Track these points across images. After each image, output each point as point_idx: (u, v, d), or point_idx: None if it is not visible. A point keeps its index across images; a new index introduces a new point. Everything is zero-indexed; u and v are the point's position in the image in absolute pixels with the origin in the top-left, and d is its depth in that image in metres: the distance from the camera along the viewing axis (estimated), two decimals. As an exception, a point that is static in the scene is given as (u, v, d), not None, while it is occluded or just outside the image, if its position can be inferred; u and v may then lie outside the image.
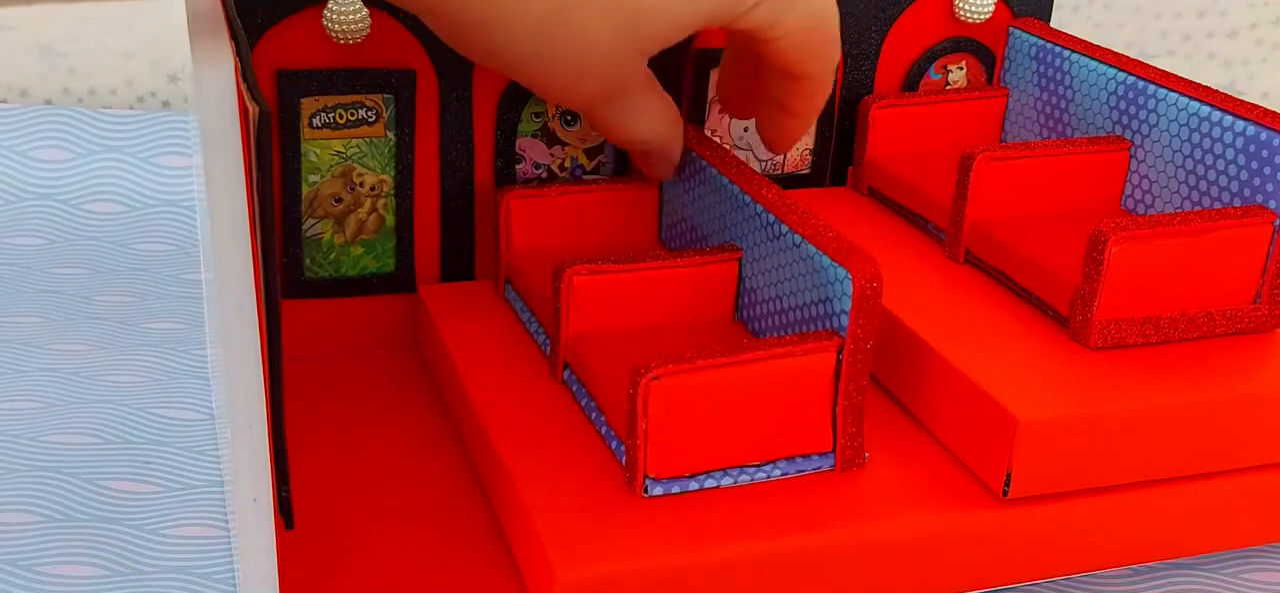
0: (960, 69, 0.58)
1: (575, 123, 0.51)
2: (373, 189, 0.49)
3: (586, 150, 0.52)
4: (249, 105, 0.32)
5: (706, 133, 0.54)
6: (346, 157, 0.48)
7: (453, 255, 0.51)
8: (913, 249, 0.50)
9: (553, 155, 0.51)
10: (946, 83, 0.58)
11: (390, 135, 0.48)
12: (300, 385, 0.47)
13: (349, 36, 0.46)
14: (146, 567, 0.42)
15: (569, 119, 0.51)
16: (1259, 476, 0.42)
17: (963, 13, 0.56)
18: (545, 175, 0.51)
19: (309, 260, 0.49)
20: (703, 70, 0.53)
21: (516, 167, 0.51)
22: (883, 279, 0.38)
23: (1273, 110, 0.45)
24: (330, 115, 0.47)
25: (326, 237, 0.49)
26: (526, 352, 0.46)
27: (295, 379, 0.47)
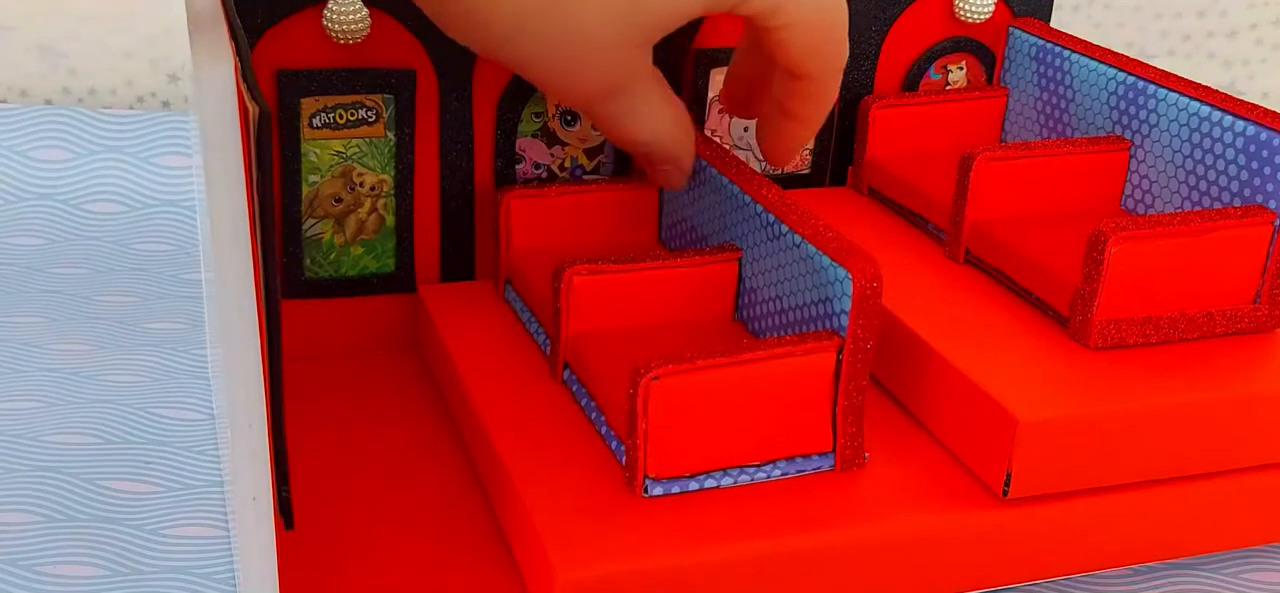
0: (960, 69, 0.58)
1: (575, 123, 0.51)
2: (373, 189, 0.49)
3: (586, 150, 0.52)
4: (249, 105, 0.32)
5: (706, 133, 0.54)
6: (346, 156, 0.48)
7: (453, 255, 0.51)
8: (913, 249, 0.50)
9: (553, 155, 0.51)
10: (946, 83, 0.58)
11: (390, 135, 0.48)
12: (300, 385, 0.47)
13: (349, 36, 0.46)
14: (146, 567, 0.42)
15: (569, 119, 0.51)
16: (1259, 476, 0.42)
17: (963, 13, 0.56)
18: (545, 175, 0.51)
19: (309, 260, 0.49)
20: (703, 70, 0.53)
21: (516, 167, 0.51)
22: (883, 279, 0.38)
23: (1273, 110, 0.45)
24: (330, 115, 0.47)
25: (326, 237, 0.49)
26: (526, 352, 0.46)
27: (295, 379, 0.47)
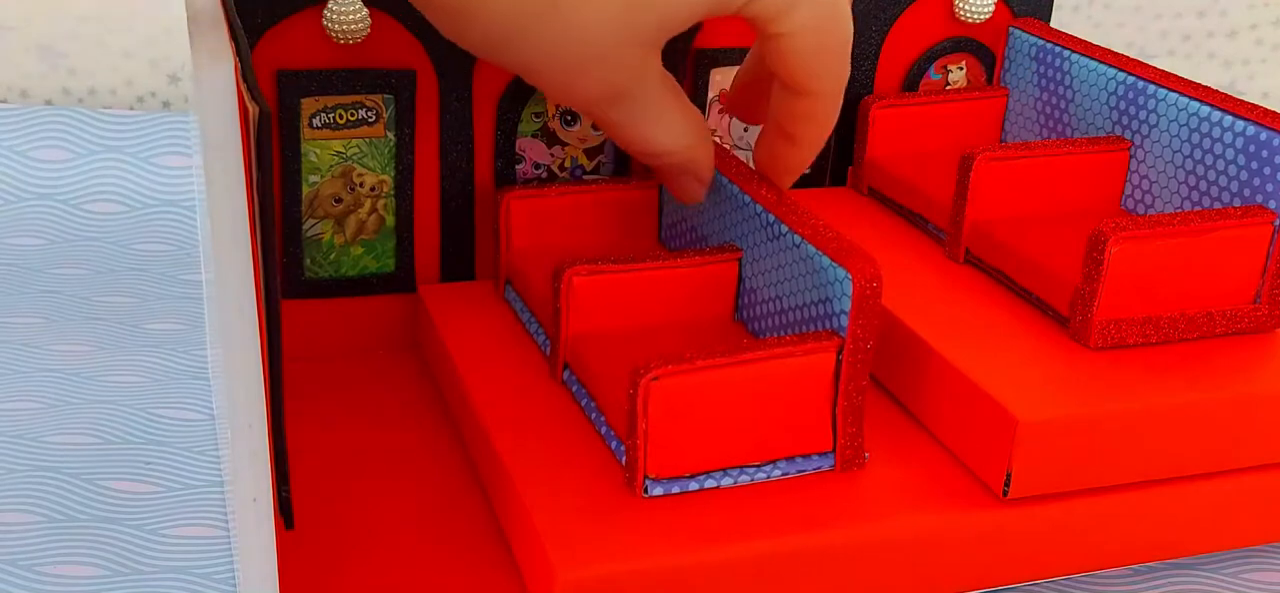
0: (960, 69, 0.58)
1: (575, 123, 0.51)
2: (373, 189, 0.49)
3: (586, 150, 0.52)
4: (249, 105, 0.32)
5: (706, 133, 0.54)
6: (346, 157, 0.48)
7: (453, 255, 0.51)
8: (913, 249, 0.50)
9: (553, 155, 0.51)
10: (946, 83, 0.58)
11: (390, 135, 0.48)
12: (300, 385, 0.47)
13: (349, 36, 0.46)
14: (146, 567, 0.42)
15: (569, 119, 0.51)
16: (1259, 476, 0.42)
17: (963, 13, 0.56)
18: (545, 175, 0.51)
19: (309, 260, 0.49)
20: (703, 70, 0.53)
21: (516, 167, 0.51)
22: (882, 279, 0.38)
23: (1273, 110, 0.45)
24: (330, 115, 0.47)
25: (326, 237, 0.49)
26: (526, 352, 0.46)
27: (295, 379, 0.47)
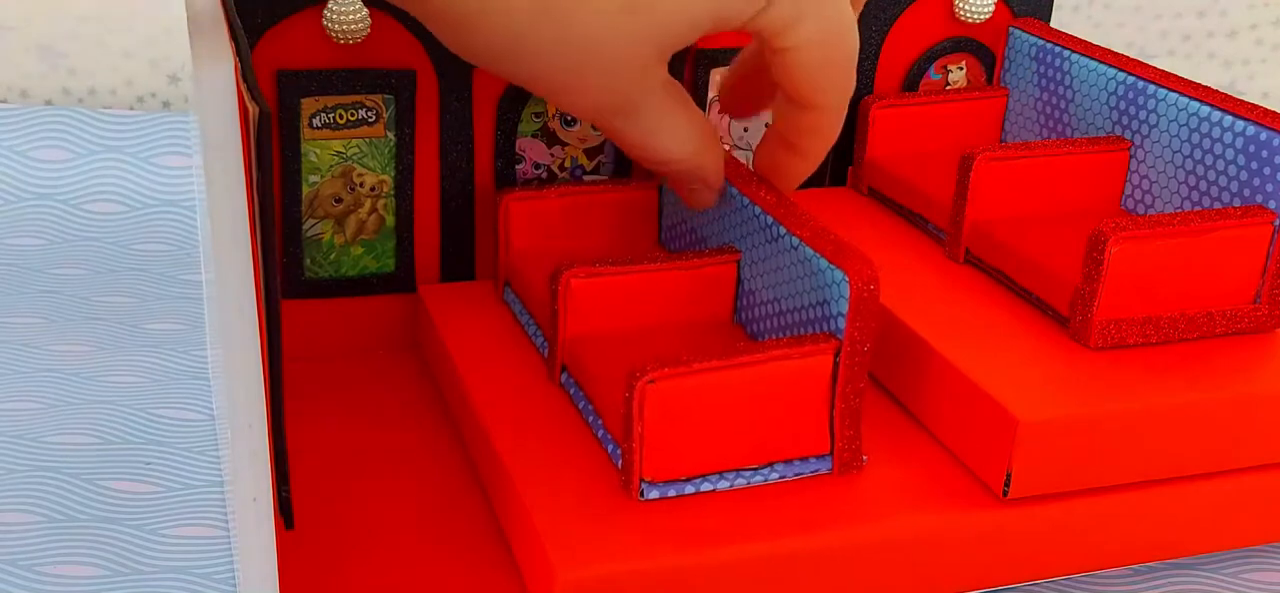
0: (960, 69, 0.58)
1: (575, 123, 0.51)
2: (373, 189, 0.49)
3: (586, 150, 0.52)
4: (249, 105, 0.32)
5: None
6: (346, 157, 0.48)
7: (453, 256, 0.51)
8: (913, 249, 0.50)
9: (553, 155, 0.51)
10: (946, 83, 0.58)
11: (390, 135, 0.48)
12: (300, 385, 0.47)
13: (349, 36, 0.46)
14: (146, 567, 0.42)
15: (569, 119, 0.51)
16: (1259, 476, 0.42)
17: (963, 13, 0.56)
18: (545, 176, 0.51)
19: (309, 260, 0.49)
20: (703, 70, 0.53)
21: (516, 167, 0.51)
22: (880, 281, 0.38)
23: (1273, 110, 0.45)
24: (330, 115, 0.47)
25: (326, 237, 0.49)
26: (526, 353, 0.46)
27: (295, 379, 0.47)
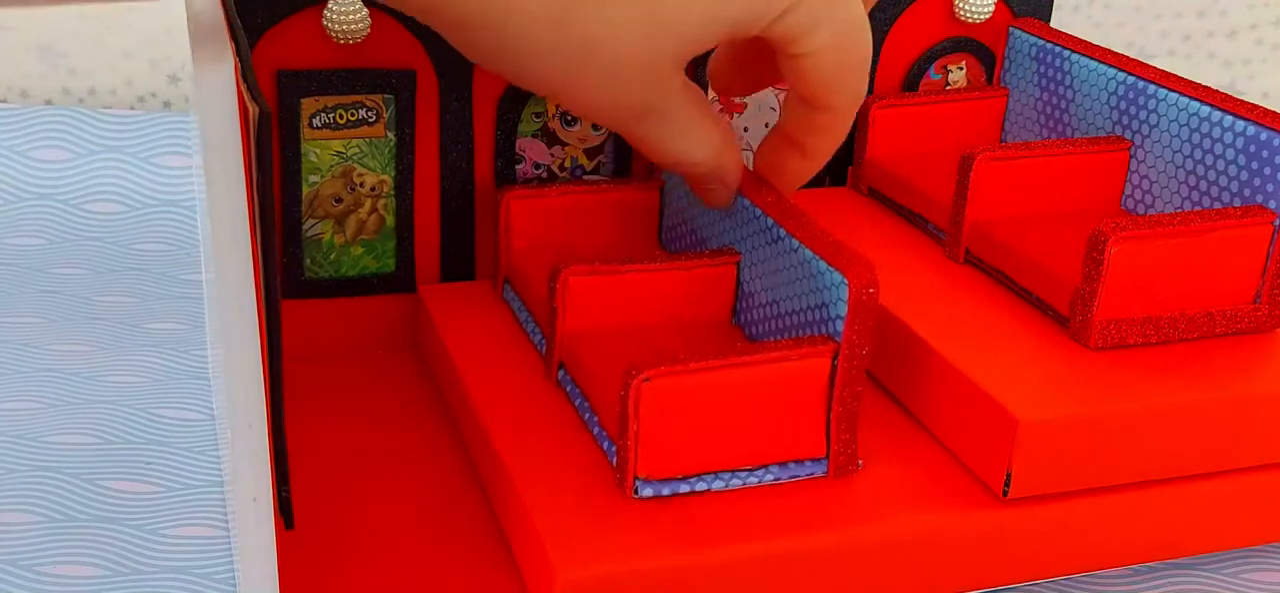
0: (960, 69, 0.58)
1: (575, 123, 0.51)
2: (373, 189, 0.49)
3: (586, 150, 0.52)
4: (249, 105, 0.32)
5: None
6: (346, 157, 0.48)
7: (453, 255, 0.51)
8: (913, 249, 0.50)
9: (553, 155, 0.51)
10: (946, 83, 0.58)
11: (390, 135, 0.48)
12: (300, 385, 0.47)
13: (349, 36, 0.46)
14: (146, 567, 0.42)
15: (569, 119, 0.51)
16: (1259, 476, 0.42)
17: (963, 13, 0.56)
18: (545, 175, 0.51)
19: (309, 260, 0.49)
20: (703, 67, 0.53)
21: (516, 167, 0.51)
22: (879, 284, 0.38)
23: (1273, 110, 0.45)
24: (330, 115, 0.47)
25: (326, 237, 0.49)
26: (526, 352, 0.46)
27: (295, 379, 0.47)
